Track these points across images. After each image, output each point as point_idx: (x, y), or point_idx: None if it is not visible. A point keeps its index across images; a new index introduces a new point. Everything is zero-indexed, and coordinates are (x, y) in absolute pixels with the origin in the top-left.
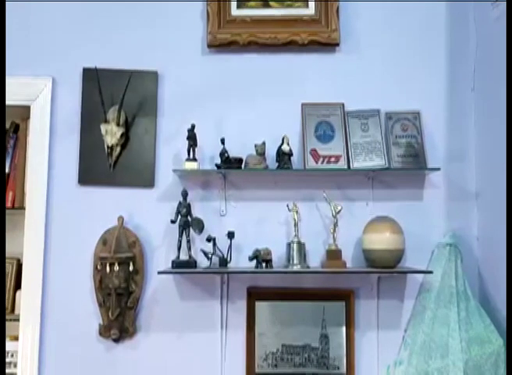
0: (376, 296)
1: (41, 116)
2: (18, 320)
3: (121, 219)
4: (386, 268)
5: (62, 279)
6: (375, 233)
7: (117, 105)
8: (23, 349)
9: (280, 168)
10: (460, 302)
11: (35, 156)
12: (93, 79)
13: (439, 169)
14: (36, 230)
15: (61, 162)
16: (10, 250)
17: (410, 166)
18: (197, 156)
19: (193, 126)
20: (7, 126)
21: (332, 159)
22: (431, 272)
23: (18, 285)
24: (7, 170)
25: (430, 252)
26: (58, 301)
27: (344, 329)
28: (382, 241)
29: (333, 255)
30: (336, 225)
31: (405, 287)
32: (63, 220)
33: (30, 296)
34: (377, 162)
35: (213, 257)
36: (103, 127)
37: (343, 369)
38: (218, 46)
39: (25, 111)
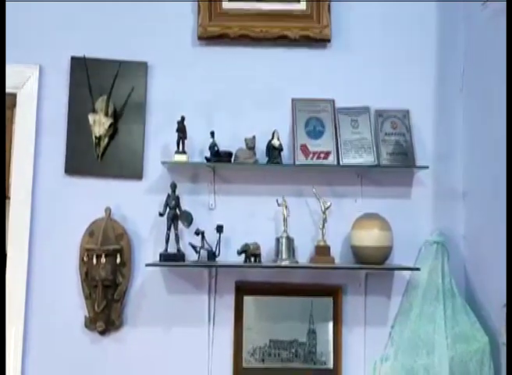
0: (364, 292)
1: (28, 104)
2: None
3: (108, 210)
4: (374, 264)
5: (47, 270)
6: (364, 229)
7: (105, 95)
8: (6, 341)
9: (270, 163)
10: (447, 300)
11: (21, 145)
12: (81, 68)
13: (427, 167)
14: (21, 220)
15: (47, 152)
16: None
17: (399, 164)
18: (186, 149)
19: (182, 119)
20: None
21: (322, 155)
22: (418, 269)
23: None
24: None
25: (417, 250)
26: (44, 293)
27: (332, 324)
28: (370, 237)
29: (322, 250)
30: (324, 221)
31: (392, 284)
32: (49, 211)
33: (15, 287)
34: (366, 159)
35: (201, 251)
36: (91, 117)
37: (330, 365)
38: (208, 39)
39: (11, 99)
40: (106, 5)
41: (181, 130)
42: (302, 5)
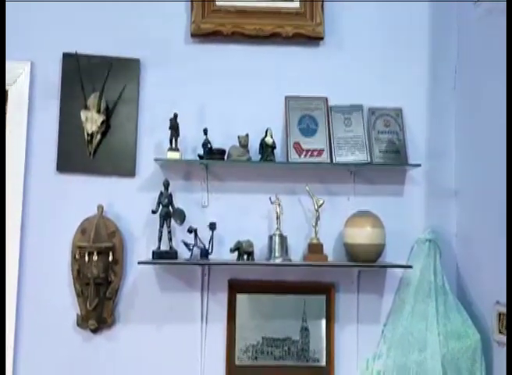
0: (356, 290)
1: (19, 100)
2: None
3: (100, 208)
4: (367, 262)
5: (38, 268)
6: (357, 227)
7: (98, 91)
8: None
9: (263, 160)
10: (439, 297)
11: (12, 142)
12: (73, 64)
13: (419, 165)
14: (12, 218)
15: (39, 149)
16: None
17: (392, 162)
18: (179, 146)
19: (175, 116)
20: None
21: (315, 153)
22: (410, 267)
23: None
24: None
25: (410, 248)
26: (35, 291)
27: (324, 322)
28: (363, 235)
29: (315, 248)
30: (317, 219)
31: (385, 282)
32: (41, 208)
33: (6, 285)
34: (359, 157)
35: (194, 248)
36: (83, 114)
37: (323, 362)
38: (201, 36)
39: None
40: (99, 2)
41: (174, 128)
42: (295, 3)
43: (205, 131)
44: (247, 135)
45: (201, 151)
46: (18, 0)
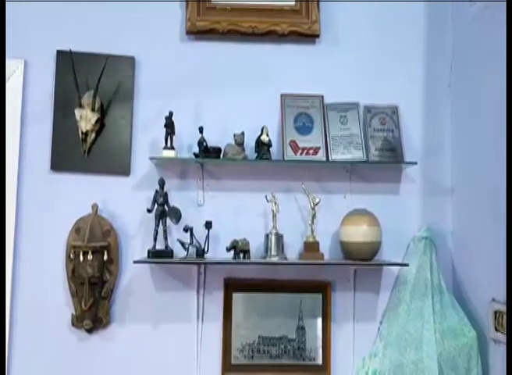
0: (353, 288)
1: (13, 99)
2: None
3: (95, 206)
4: (363, 260)
5: (33, 268)
6: (353, 225)
7: (92, 89)
8: None
9: (259, 159)
10: (435, 295)
11: (6, 140)
12: (67, 62)
13: (415, 163)
14: (6, 217)
15: (32, 148)
16: None
17: (388, 160)
18: (174, 145)
19: (170, 114)
20: None
21: (311, 151)
22: (406, 265)
23: None
24: None
25: (406, 245)
26: (29, 291)
27: (321, 321)
28: (359, 233)
29: (311, 246)
30: (314, 217)
31: (381, 280)
32: (35, 208)
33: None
34: (355, 154)
35: (190, 247)
36: (77, 112)
37: (319, 361)
38: (197, 33)
39: None
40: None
41: (169, 126)
42: (291, 1)
43: (201, 129)
44: (243, 133)
45: (197, 150)
46: None
